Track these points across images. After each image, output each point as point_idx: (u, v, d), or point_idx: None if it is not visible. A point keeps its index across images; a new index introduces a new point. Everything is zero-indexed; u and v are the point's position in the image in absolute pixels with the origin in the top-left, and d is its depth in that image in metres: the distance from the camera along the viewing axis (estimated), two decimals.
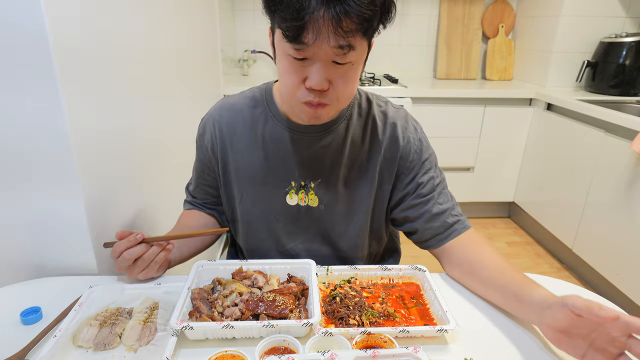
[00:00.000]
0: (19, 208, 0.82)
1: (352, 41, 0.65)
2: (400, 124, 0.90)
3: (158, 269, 0.83)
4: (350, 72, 0.71)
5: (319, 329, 0.67)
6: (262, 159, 0.89)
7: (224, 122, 0.91)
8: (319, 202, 0.90)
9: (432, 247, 0.91)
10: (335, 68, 0.69)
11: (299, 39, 0.64)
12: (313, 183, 0.89)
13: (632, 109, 2.27)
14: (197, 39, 1.75)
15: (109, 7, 0.93)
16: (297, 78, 0.70)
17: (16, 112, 0.75)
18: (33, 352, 0.66)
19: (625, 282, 1.91)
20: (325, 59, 0.67)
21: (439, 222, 0.88)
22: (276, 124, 0.88)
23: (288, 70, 0.71)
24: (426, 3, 2.91)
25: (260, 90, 0.92)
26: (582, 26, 2.50)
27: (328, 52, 0.66)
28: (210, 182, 0.98)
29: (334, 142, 0.87)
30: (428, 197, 0.89)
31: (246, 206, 0.93)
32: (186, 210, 1.03)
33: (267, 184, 0.90)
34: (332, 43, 0.64)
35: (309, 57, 0.67)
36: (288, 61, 0.70)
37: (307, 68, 0.69)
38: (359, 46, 0.68)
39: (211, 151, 0.93)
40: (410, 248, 1.11)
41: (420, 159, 0.90)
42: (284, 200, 0.90)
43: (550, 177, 2.43)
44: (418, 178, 0.89)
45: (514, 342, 0.71)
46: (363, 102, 0.91)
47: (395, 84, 2.58)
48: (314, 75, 0.68)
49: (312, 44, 0.64)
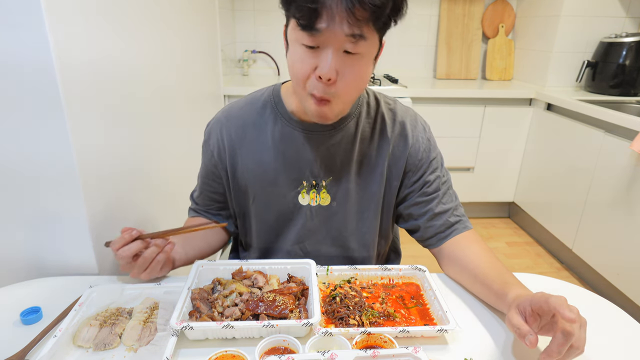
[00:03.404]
0: (20, 208, 0.82)
1: (364, 30, 0.67)
2: (410, 122, 0.92)
3: (161, 268, 0.82)
4: (360, 65, 0.72)
5: (319, 329, 0.67)
6: (272, 160, 0.89)
7: (232, 125, 0.91)
8: (331, 199, 0.91)
9: (433, 245, 0.92)
10: (346, 58, 0.70)
11: (313, 26, 0.66)
12: (324, 181, 0.90)
13: (632, 109, 2.27)
14: (197, 39, 1.75)
15: (110, 12, 0.92)
16: (308, 66, 0.71)
17: (16, 112, 0.75)
18: (33, 352, 0.66)
19: (625, 282, 1.91)
20: (336, 47, 0.69)
21: (441, 221, 0.90)
22: (285, 124, 0.88)
23: (300, 59, 0.72)
24: (426, 3, 2.91)
25: (268, 91, 0.92)
26: (582, 26, 2.49)
27: (340, 39, 0.67)
28: (214, 188, 0.97)
29: (344, 140, 0.88)
30: (433, 195, 0.91)
31: (259, 207, 0.93)
32: (190, 217, 1.03)
33: (278, 185, 0.90)
34: (345, 31, 0.66)
35: (321, 44, 0.69)
36: (301, 50, 0.71)
37: (318, 57, 0.70)
38: (370, 37, 0.69)
39: (217, 156, 0.92)
40: (410, 248, 1.11)
41: (428, 158, 0.91)
42: (296, 200, 0.91)
43: (550, 177, 2.43)
44: (425, 176, 0.91)
45: (513, 342, 0.71)
46: (371, 101, 0.92)
47: (395, 84, 2.58)
48: (324, 62, 0.69)
49: (325, 30, 0.66)
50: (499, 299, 0.75)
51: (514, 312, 0.66)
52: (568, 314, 0.58)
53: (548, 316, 0.63)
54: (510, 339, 0.72)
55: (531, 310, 0.64)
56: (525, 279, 0.84)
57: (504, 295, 0.72)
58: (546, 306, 0.61)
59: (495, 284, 0.77)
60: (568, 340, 0.59)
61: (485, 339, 0.72)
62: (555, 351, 0.59)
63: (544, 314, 0.63)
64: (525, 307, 0.65)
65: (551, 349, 0.60)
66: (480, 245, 0.87)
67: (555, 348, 0.59)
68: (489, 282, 0.78)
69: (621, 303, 1.81)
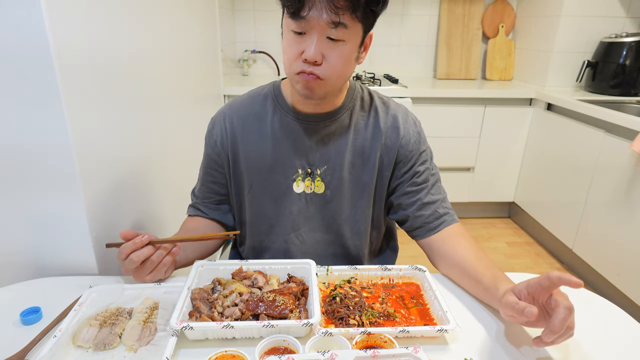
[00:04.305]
0: (20, 208, 0.82)
1: (344, 17, 0.74)
2: (402, 116, 0.96)
3: (165, 271, 0.83)
4: (343, 50, 0.78)
5: (319, 329, 0.67)
6: (270, 149, 0.93)
7: (235, 115, 0.95)
8: (325, 187, 0.94)
9: (421, 236, 0.95)
10: (329, 43, 0.77)
11: (299, 14, 0.74)
12: (319, 170, 0.94)
13: (632, 109, 2.27)
14: (197, 39, 1.75)
15: (110, 11, 0.93)
16: (296, 50, 0.78)
17: (17, 113, 0.75)
18: (33, 352, 0.66)
19: (625, 282, 1.91)
20: (320, 33, 0.76)
21: (430, 211, 0.93)
22: (284, 114, 0.93)
23: (289, 44, 0.79)
24: (426, 3, 2.91)
25: (269, 86, 0.98)
26: (582, 26, 2.49)
27: (323, 27, 0.75)
28: (215, 178, 0.99)
29: (339, 130, 0.93)
30: (422, 186, 0.94)
31: (255, 195, 0.96)
32: (189, 217, 1.04)
33: (275, 172, 0.94)
34: (326, 19, 0.73)
35: (307, 31, 0.76)
36: (290, 36, 0.78)
37: (305, 42, 0.77)
38: (351, 26, 0.76)
39: (220, 145, 0.96)
40: (410, 248, 1.11)
41: (418, 150, 0.95)
42: (290, 188, 0.94)
43: (550, 177, 2.43)
44: (415, 167, 0.95)
45: (513, 342, 0.71)
46: (365, 96, 0.97)
47: (395, 84, 2.58)
48: (309, 47, 0.77)
49: (308, 18, 0.74)
50: (488, 292, 0.77)
51: (508, 295, 0.67)
52: (575, 280, 0.59)
53: (546, 294, 0.63)
54: (511, 338, 0.72)
55: (527, 293, 0.65)
56: (525, 279, 0.83)
57: (495, 289, 0.74)
58: (546, 281, 0.62)
59: (485, 277, 0.79)
60: (570, 314, 0.60)
61: (485, 339, 0.72)
62: (557, 325, 0.59)
63: (543, 291, 0.64)
64: (521, 290, 0.66)
65: (553, 323, 0.60)
66: (468, 240, 0.90)
67: (557, 323, 0.59)
68: (479, 276, 0.80)
69: (621, 303, 1.81)
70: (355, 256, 1.00)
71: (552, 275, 0.61)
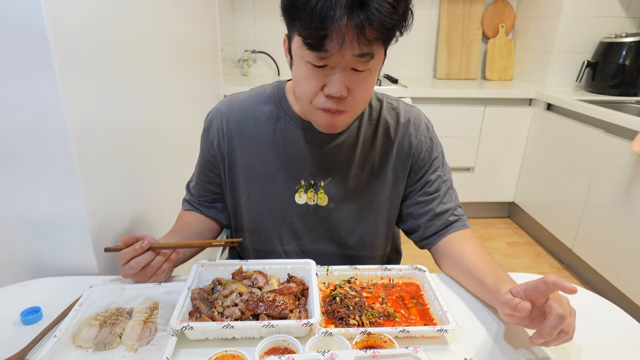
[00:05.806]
0: (19, 208, 0.82)
1: (373, 49, 0.67)
2: (413, 122, 0.92)
3: (165, 274, 0.83)
4: (368, 79, 0.73)
5: (319, 329, 0.67)
6: (271, 157, 0.89)
7: (233, 117, 0.91)
8: (329, 200, 0.91)
9: (431, 244, 0.93)
10: (354, 75, 0.71)
11: (322, 47, 0.65)
12: (323, 182, 0.90)
13: (632, 109, 2.27)
14: (197, 39, 1.75)
15: (110, 6, 0.92)
16: (316, 85, 0.72)
17: (16, 111, 0.75)
18: (33, 352, 0.66)
19: (625, 282, 1.91)
20: (345, 67, 0.69)
21: (441, 221, 0.91)
22: (289, 122, 0.88)
23: (307, 77, 0.72)
24: (426, 3, 2.91)
25: (272, 88, 0.92)
26: (582, 26, 2.49)
27: (349, 60, 0.68)
28: (211, 178, 0.97)
29: (347, 142, 0.89)
30: (434, 195, 0.91)
31: (253, 203, 0.93)
32: (184, 210, 1.02)
33: (275, 182, 0.90)
34: (355, 52, 0.66)
35: (330, 64, 0.69)
36: (307, 68, 0.71)
37: (327, 75, 0.71)
38: (378, 54, 0.70)
39: (216, 146, 0.92)
40: (410, 248, 1.11)
41: (430, 158, 0.92)
42: (292, 199, 0.91)
43: (550, 177, 2.43)
44: (427, 176, 0.92)
45: (513, 342, 0.71)
46: (374, 102, 0.92)
47: (395, 84, 2.58)
48: (334, 82, 0.70)
49: (335, 53, 0.66)
50: (491, 293, 0.76)
51: (506, 294, 0.67)
52: (569, 285, 0.58)
53: (543, 298, 0.63)
54: (511, 339, 0.72)
55: (524, 296, 0.65)
56: (525, 279, 0.83)
57: (497, 290, 0.73)
58: (542, 285, 0.61)
59: (488, 278, 0.77)
60: (561, 322, 0.60)
61: (485, 339, 0.72)
62: (547, 332, 0.60)
63: (539, 294, 0.63)
64: (519, 292, 0.66)
65: (544, 329, 0.61)
66: (475, 242, 0.88)
67: (547, 329, 0.60)
68: (482, 276, 0.79)
69: (621, 303, 1.81)
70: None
71: (548, 279, 0.61)
